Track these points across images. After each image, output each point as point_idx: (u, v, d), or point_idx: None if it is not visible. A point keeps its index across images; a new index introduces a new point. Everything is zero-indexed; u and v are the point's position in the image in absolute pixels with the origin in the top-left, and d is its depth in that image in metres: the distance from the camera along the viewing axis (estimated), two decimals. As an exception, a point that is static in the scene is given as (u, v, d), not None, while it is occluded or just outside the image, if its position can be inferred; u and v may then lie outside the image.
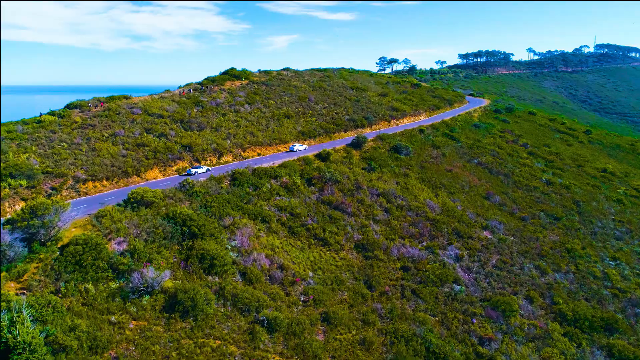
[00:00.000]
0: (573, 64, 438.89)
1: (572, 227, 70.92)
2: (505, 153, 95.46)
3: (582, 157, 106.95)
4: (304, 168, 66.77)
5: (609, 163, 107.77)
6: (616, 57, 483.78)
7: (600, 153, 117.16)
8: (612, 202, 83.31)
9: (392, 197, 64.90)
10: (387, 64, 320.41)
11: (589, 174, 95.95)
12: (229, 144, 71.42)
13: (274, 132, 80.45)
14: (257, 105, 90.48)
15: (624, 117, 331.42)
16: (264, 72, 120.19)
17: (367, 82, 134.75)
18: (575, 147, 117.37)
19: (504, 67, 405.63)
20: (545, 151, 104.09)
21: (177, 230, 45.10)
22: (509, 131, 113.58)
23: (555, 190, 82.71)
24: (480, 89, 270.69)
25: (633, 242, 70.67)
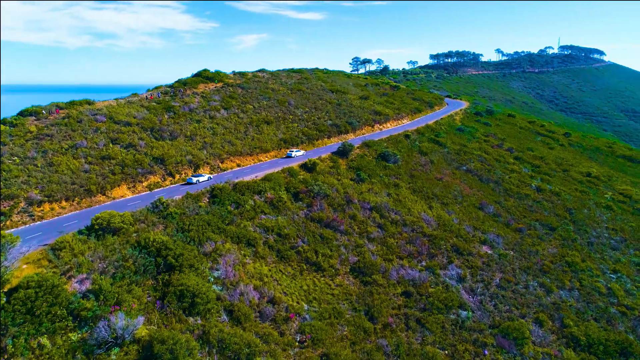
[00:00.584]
0: (539, 65, 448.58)
1: (568, 237, 68.23)
2: (492, 158, 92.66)
3: (566, 161, 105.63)
4: (290, 181, 61.28)
5: (592, 167, 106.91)
6: (579, 58, 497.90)
7: (581, 156, 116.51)
8: (602, 208, 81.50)
9: (385, 211, 60.25)
10: (360, 64, 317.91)
11: (575, 179, 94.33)
12: (206, 155, 65.11)
13: (254, 140, 74.51)
14: (234, 111, 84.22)
15: (589, 116, 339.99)
16: (238, 73, 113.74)
17: (346, 84, 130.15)
18: (557, 150, 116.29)
19: (473, 68, 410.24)
20: (530, 155, 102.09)
21: (150, 262, 38.88)
22: (493, 135, 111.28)
23: (546, 198, 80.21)
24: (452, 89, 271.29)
25: (629, 251, 68.57)
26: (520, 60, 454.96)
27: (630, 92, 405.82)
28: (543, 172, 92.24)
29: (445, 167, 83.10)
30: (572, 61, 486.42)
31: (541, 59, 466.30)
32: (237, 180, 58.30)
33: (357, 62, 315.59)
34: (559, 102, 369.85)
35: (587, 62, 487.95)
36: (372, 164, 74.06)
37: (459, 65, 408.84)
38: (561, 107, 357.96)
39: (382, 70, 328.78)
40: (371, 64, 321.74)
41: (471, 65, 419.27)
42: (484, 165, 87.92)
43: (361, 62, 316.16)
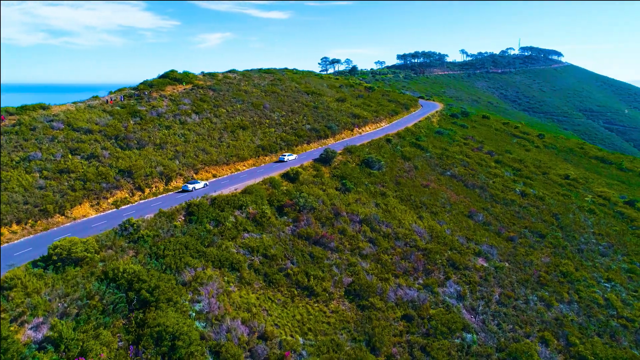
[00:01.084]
0: (502, 65, 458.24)
1: (558, 245, 66.52)
2: (475, 162, 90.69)
3: (544, 163, 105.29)
4: (272, 193, 56.43)
5: (568, 169, 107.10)
6: (539, 59, 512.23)
7: (557, 158, 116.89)
8: (586, 212, 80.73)
9: (375, 224, 56.35)
10: (329, 64, 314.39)
11: (555, 182, 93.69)
12: (178, 165, 59.29)
13: (230, 148, 69.06)
14: (206, 115, 78.35)
15: (550, 116, 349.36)
16: (208, 74, 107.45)
17: (321, 86, 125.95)
18: (533, 152, 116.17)
19: (439, 68, 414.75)
20: (509, 158, 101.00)
21: (121, 298, 33.35)
22: (471, 137, 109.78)
23: (531, 203, 78.64)
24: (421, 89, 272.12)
25: (617, 257, 67.54)
26: (483, 60, 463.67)
27: (587, 93, 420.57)
28: (525, 175, 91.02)
29: (429, 172, 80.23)
30: (533, 62, 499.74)
31: (503, 60, 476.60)
32: (215, 193, 52.97)
33: (326, 62, 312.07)
34: (521, 102, 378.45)
35: (546, 63, 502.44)
36: (356, 172, 70.13)
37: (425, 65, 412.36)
38: (524, 106, 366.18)
39: (350, 70, 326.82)
40: (340, 64, 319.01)
41: (437, 66, 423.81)
42: (467, 170, 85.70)
43: (330, 62, 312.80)
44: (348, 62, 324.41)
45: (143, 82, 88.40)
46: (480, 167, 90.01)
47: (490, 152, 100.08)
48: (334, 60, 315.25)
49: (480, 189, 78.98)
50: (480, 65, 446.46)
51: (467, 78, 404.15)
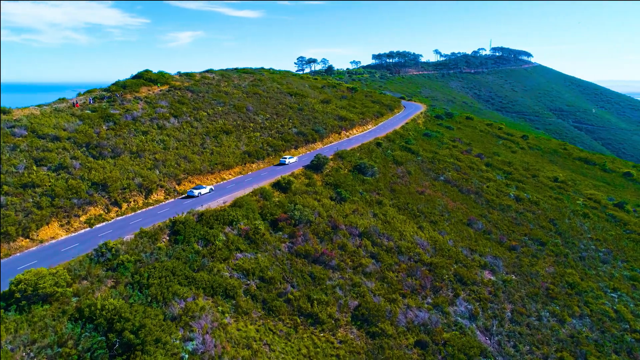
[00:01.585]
0: (475, 66, 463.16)
1: (560, 252, 64.24)
2: (466, 166, 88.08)
3: (532, 165, 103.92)
4: (264, 205, 51.66)
5: (555, 171, 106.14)
6: (509, 60, 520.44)
7: (542, 159, 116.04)
8: (580, 217, 79.13)
9: (376, 237, 52.36)
10: (305, 64, 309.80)
11: (545, 185, 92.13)
12: (159, 176, 53.73)
13: (214, 155, 63.78)
14: (186, 118, 72.70)
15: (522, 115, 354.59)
16: (185, 74, 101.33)
17: (303, 87, 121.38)
18: (519, 154, 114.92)
19: (414, 68, 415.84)
20: (498, 161, 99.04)
21: (100, 342, 28.16)
22: (459, 140, 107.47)
23: (527, 208, 76.40)
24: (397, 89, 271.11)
25: (618, 264, 65.81)
26: (457, 60, 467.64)
27: (556, 92, 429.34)
28: (516, 179, 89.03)
29: (423, 178, 76.94)
30: (504, 62, 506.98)
31: (476, 60, 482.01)
32: (202, 208, 47.84)
33: (303, 62, 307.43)
34: (494, 101, 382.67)
35: (516, 64, 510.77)
36: (349, 179, 66.04)
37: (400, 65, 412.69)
38: (497, 106, 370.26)
39: (326, 70, 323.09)
40: (316, 64, 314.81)
41: (411, 66, 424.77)
42: (460, 174, 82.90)
43: (306, 61, 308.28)
44: (324, 62, 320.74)
45: (115, 82, 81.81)
46: (472, 170, 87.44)
47: (480, 155, 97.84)
48: (310, 60, 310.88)
49: (476, 195, 76.20)
50: (454, 65, 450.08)
51: (442, 78, 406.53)
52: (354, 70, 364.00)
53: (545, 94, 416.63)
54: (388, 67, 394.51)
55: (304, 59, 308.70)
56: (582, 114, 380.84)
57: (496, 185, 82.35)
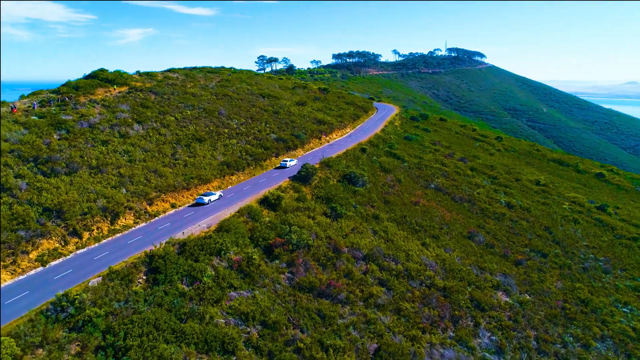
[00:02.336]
0: (432, 66, 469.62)
1: (563, 264, 60.96)
2: (452, 171, 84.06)
3: (512, 168, 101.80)
4: (254, 227, 44.47)
5: (534, 173, 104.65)
6: (465, 60, 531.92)
7: (519, 161, 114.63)
8: (571, 222, 76.82)
9: (381, 259, 46.41)
10: (266, 63, 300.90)
11: (529, 189, 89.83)
12: (126, 195, 45.22)
13: (188, 167, 55.67)
14: (152, 125, 63.91)
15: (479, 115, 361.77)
16: (145, 74, 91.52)
17: (273, 87, 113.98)
18: (497, 156, 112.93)
19: (373, 68, 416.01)
20: (480, 164, 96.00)
21: None
22: (439, 143, 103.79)
23: (520, 215, 73.11)
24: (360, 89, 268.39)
25: (618, 273, 63.36)
26: (415, 61, 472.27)
27: (510, 92, 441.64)
28: (503, 184, 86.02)
29: (414, 186, 71.94)
30: (459, 62, 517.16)
31: (433, 60, 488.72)
32: (183, 235, 40.11)
33: (264, 61, 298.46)
34: (452, 101, 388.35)
35: (471, 64, 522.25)
36: (340, 190, 59.80)
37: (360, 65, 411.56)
38: (455, 106, 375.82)
39: (288, 69, 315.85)
40: (277, 63, 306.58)
41: (371, 65, 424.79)
42: (449, 180, 78.64)
43: (267, 60, 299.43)
44: (285, 61, 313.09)
45: (66, 83, 71.52)
46: (459, 176, 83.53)
47: (464, 159, 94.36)
48: (271, 59, 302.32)
49: (469, 203, 72.03)
50: (412, 65, 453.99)
51: (401, 78, 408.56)
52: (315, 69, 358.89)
53: (499, 94, 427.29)
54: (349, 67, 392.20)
55: (265, 57, 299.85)
56: (534, 113, 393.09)
57: (486, 192, 78.72)
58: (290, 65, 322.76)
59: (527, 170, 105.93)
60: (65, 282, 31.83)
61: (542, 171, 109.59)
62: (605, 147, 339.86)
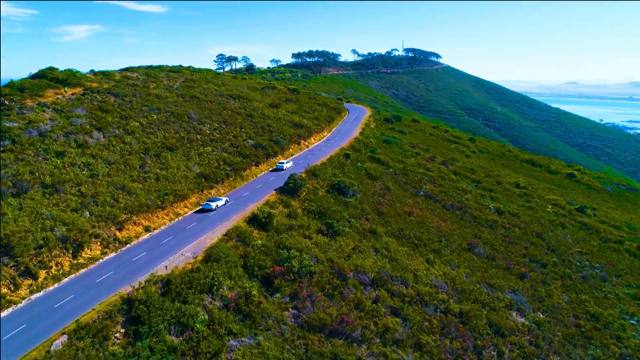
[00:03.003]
0: (391, 66, 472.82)
1: (563, 274, 58.51)
2: (437, 176, 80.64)
3: (491, 171, 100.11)
4: (246, 253, 38.24)
5: (511, 175, 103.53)
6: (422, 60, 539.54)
7: (495, 163, 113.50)
8: (559, 227, 75.18)
9: (390, 283, 41.42)
10: (225, 62, 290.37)
11: (511, 192, 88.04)
12: (90, 220, 37.71)
13: (160, 182, 48.39)
14: (114, 132, 55.90)
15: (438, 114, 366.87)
16: (101, 73, 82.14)
17: (241, 88, 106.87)
18: (472, 158, 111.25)
19: (333, 67, 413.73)
20: (460, 168, 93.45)
21: None
22: (417, 145, 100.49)
23: (511, 221, 70.53)
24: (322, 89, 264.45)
25: (616, 281, 61.72)
26: (374, 60, 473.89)
27: (466, 92, 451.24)
28: (487, 188, 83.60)
29: (404, 194, 67.62)
30: (417, 63, 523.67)
31: (392, 60, 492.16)
32: (165, 269, 33.35)
33: (223, 60, 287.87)
34: (412, 101, 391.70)
35: (427, 64, 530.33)
36: (331, 203, 54.39)
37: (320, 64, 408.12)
38: (414, 105, 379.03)
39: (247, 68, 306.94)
40: (237, 62, 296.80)
41: (331, 65, 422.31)
42: (436, 187, 75.02)
43: (227, 59, 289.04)
44: (245, 60, 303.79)
45: (8, 83, 61.89)
46: (444, 181, 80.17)
47: (445, 163, 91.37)
48: (230, 58, 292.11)
49: (460, 211, 68.54)
50: (371, 65, 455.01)
51: (361, 78, 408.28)
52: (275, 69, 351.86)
53: (456, 94, 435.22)
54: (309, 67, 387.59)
55: (224, 56, 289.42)
56: (489, 113, 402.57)
57: (474, 198, 75.72)
58: (250, 64, 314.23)
59: (505, 173, 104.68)
60: (17, 345, 24.59)
61: (518, 173, 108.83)
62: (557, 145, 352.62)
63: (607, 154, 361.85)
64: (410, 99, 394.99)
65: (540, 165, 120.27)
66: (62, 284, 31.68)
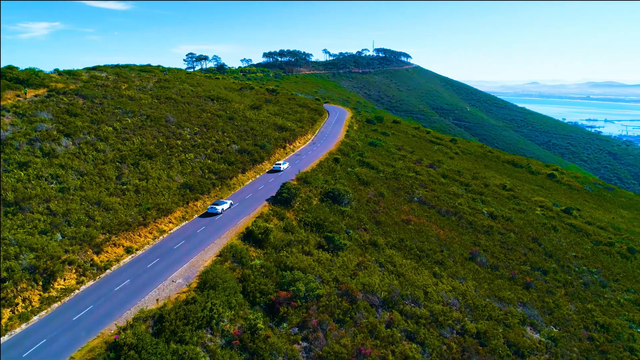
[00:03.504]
0: (362, 66, 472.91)
1: (565, 281, 56.76)
2: (428, 180, 78.10)
3: (476, 173, 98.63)
4: (245, 276, 33.96)
5: (495, 177, 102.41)
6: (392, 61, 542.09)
7: (478, 164, 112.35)
8: (550, 230, 73.92)
9: (401, 303, 37.99)
10: (195, 61, 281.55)
11: (500, 195, 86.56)
12: (62, 243, 32.54)
13: (141, 194, 43.32)
14: (85, 138, 50.28)
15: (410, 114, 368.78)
16: (67, 73, 75.56)
17: (218, 88, 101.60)
18: (456, 160, 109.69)
19: (305, 67, 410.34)
20: (448, 170, 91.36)
21: None
22: (402, 148, 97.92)
23: (505, 226, 68.59)
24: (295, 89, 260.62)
25: (615, 285, 60.54)
26: (345, 60, 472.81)
27: (436, 92, 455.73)
28: (476, 191, 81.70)
29: (398, 200, 64.53)
30: (387, 63, 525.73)
31: (363, 60, 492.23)
32: (157, 301, 28.70)
33: (193, 59, 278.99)
34: (384, 101, 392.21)
35: (398, 64, 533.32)
36: (327, 213, 50.59)
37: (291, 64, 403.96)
38: (386, 105, 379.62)
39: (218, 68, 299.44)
40: (208, 61, 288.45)
41: (303, 65, 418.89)
42: (428, 192, 72.37)
43: (197, 58, 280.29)
44: (216, 59, 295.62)
45: (-40, 85, 55.11)
46: (434, 184, 77.71)
47: (432, 166, 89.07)
48: (200, 57, 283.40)
49: (456, 216, 66.05)
50: (343, 65, 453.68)
51: (333, 77, 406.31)
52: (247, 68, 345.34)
53: (426, 94, 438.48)
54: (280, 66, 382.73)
55: (194, 55, 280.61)
56: (460, 112, 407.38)
57: (466, 202, 73.49)
58: (221, 63, 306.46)
59: (489, 174, 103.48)
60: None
61: (501, 174, 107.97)
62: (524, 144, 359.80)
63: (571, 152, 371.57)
64: (382, 99, 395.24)
65: (521, 166, 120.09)
66: (32, 324, 26.62)
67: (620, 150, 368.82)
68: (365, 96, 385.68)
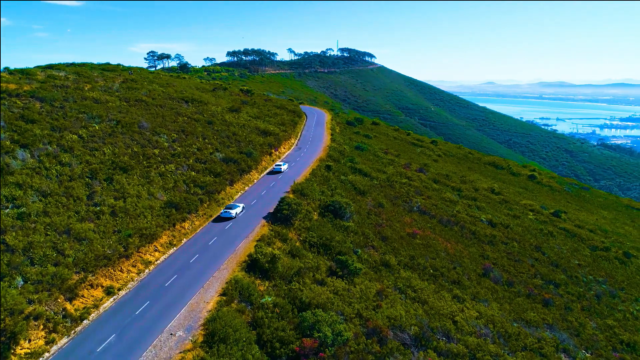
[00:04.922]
0: (328, 65, 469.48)
1: (577, 294, 53.87)
2: (422, 186, 74.08)
3: (464, 176, 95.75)
4: (256, 320, 27.99)
5: (481, 180, 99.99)
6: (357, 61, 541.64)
7: (462, 167, 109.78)
8: (548, 236, 71.48)
9: (434, 339, 33.02)
10: (157, 60, 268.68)
11: (491, 199, 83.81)
12: (24, 290, 25.42)
13: (119, 217, 36.26)
14: (45, 149, 42.47)
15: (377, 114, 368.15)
16: (19, 72, 66.31)
17: (190, 89, 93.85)
18: (440, 162, 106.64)
19: (270, 67, 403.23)
20: (437, 175, 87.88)
21: None
22: (388, 151, 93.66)
23: (505, 234, 65.48)
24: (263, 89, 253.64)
25: (623, 295, 58.26)
26: (310, 60, 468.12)
27: (401, 92, 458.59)
28: (469, 197, 78.49)
29: (398, 211, 59.87)
30: (352, 62, 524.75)
31: (328, 60, 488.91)
32: (155, 370, 22.26)
33: (154, 58, 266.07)
34: (350, 101, 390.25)
35: (363, 64, 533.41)
36: (330, 230, 45.15)
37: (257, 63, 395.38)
38: (353, 105, 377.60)
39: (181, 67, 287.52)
40: (171, 60, 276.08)
41: (268, 64, 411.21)
42: (425, 199, 68.24)
43: (158, 57, 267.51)
44: (179, 58, 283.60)
45: None
46: (428, 190, 73.75)
47: (422, 170, 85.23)
48: (162, 55, 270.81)
49: (457, 226, 62.14)
50: (308, 64, 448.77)
51: (299, 77, 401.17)
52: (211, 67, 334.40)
53: (391, 94, 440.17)
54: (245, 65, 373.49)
55: (156, 54, 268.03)
56: (424, 112, 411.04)
57: (464, 210, 69.90)
58: (185, 62, 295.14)
59: (475, 177, 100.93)
60: None
61: (486, 177, 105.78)
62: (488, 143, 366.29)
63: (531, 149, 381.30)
64: (348, 99, 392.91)
65: (502, 168, 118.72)
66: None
67: (575, 148, 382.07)
68: (332, 96, 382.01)
